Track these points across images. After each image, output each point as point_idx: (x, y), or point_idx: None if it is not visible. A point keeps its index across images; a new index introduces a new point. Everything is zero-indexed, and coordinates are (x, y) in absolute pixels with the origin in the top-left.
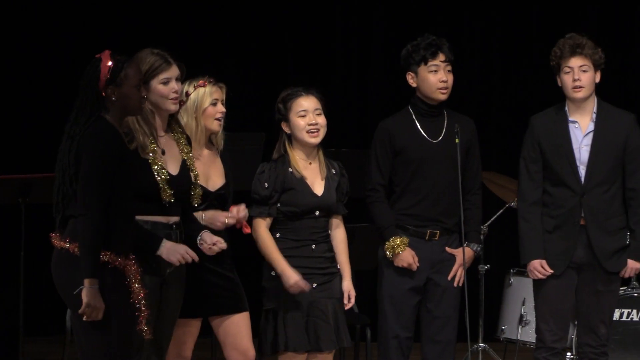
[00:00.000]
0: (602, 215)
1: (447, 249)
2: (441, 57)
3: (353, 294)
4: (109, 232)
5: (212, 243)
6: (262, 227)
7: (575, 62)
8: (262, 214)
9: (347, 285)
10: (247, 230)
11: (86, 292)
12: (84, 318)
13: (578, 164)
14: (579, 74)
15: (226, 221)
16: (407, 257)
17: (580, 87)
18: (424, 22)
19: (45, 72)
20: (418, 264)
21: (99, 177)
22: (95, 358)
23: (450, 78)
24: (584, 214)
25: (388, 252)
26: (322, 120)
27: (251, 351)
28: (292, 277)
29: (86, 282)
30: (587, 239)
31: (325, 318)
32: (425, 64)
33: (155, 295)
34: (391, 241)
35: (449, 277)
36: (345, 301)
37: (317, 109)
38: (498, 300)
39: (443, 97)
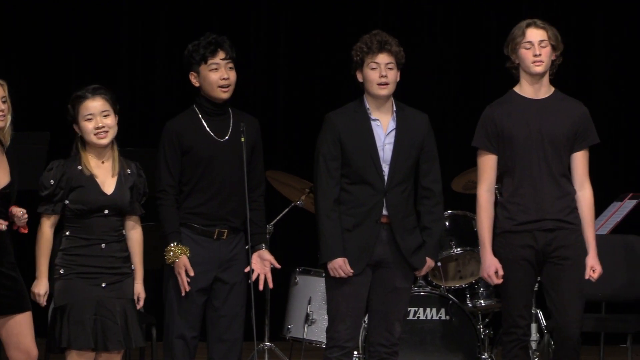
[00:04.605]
0: (401, 213)
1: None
2: (221, 54)
3: (142, 296)
4: None
5: None
6: (46, 225)
7: (383, 58)
8: (47, 211)
9: (138, 287)
10: (24, 230)
11: None
12: None
13: (381, 162)
14: (386, 71)
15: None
16: (179, 266)
17: (386, 83)
18: (209, 21)
19: None
20: (192, 273)
21: None
22: None
23: (232, 75)
24: (387, 212)
25: (165, 256)
26: (109, 121)
27: (34, 350)
28: (40, 286)
29: None
30: (388, 236)
31: (113, 318)
32: (206, 62)
33: None
34: (170, 247)
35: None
36: None
37: (104, 111)
38: (284, 299)
39: (225, 95)
